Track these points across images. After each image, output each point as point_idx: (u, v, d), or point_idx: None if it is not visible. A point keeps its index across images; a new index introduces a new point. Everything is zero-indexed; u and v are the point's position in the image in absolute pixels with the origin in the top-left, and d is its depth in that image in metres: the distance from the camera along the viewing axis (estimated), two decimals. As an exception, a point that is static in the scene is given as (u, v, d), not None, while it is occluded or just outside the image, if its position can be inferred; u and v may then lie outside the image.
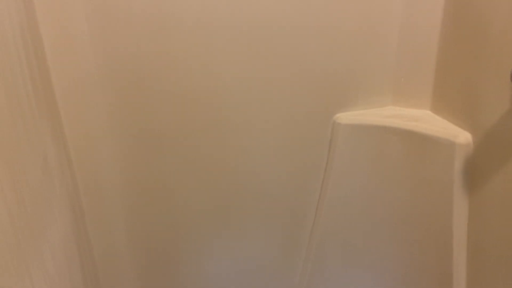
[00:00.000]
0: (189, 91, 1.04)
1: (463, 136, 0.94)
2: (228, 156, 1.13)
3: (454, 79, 0.99)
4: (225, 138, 1.11)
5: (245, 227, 1.24)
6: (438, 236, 1.02)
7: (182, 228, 1.20)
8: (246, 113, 1.09)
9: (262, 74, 1.05)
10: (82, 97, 0.98)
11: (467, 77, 0.94)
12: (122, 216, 1.13)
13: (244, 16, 0.98)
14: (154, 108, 1.04)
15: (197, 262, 1.26)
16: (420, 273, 1.10)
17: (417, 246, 1.09)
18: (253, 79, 1.05)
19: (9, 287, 0.50)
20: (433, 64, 1.06)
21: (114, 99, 1.01)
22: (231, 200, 1.19)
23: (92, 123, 1.01)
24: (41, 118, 0.75)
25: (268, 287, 1.33)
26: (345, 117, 1.11)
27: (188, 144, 1.09)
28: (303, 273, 1.30)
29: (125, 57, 0.97)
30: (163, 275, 1.25)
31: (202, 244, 1.23)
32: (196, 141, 1.09)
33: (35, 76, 0.75)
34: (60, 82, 0.94)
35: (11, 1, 0.66)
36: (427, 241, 1.06)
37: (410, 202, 1.08)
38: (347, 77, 1.09)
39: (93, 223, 1.10)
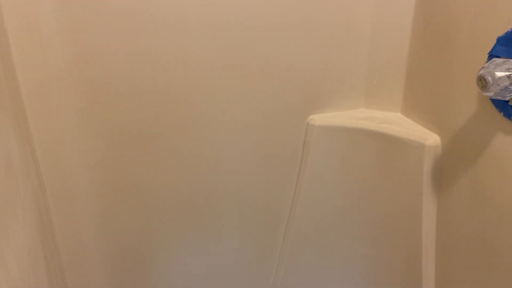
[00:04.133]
0: (162, 91, 1.02)
1: (432, 138, 0.96)
2: (201, 157, 1.12)
3: (424, 82, 1.01)
4: (198, 139, 1.09)
5: (218, 228, 1.23)
6: (407, 236, 1.04)
7: (154, 230, 1.18)
8: (220, 115, 1.08)
9: (236, 76, 1.05)
10: (50, 95, 0.95)
11: (436, 81, 0.96)
12: (91, 218, 1.10)
13: (220, 16, 0.98)
14: (125, 107, 1.01)
15: (169, 264, 1.24)
16: (390, 273, 1.12)
17: (387, 246, 1.11)
18: (227, 81, 1.05)
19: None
20: (404, 67, 1.08)
21: (84, 98, 0.98)
22: (203, 202, 1.18)
23: (60, 122, 0.98)
24: (4, 116, 0.73)
25: (241, 289, 1.33)
26: (319, 118, 1.12)
27: (161, 145, 1.08)
28: (277, 273, 1.30)
29: (96, 54, 0.95)
30: (133, 279, 1.22)
31: (174, 246, 1.22)
32: (168, 141, 1.08)
33: (-1, 73, 0.72)
34: (27, 79, 0.91)
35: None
36: (397, 241, 1.08)
37: (380, 203, 1.09)
38: (321, 79, 1.10)
39: (60, 225, 1.06)
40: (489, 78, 0.67)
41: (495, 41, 0.73)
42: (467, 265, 0.88)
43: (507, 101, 0.73)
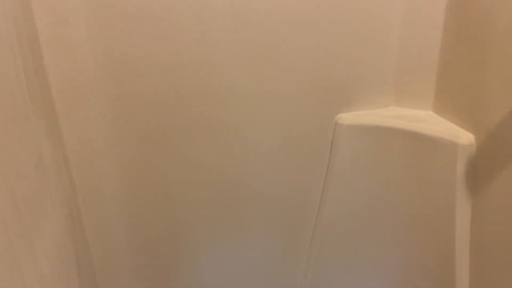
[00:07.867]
0: (190, 93, 1.03)
1: (465, 137, 0.93)
2: (228, 157, 1.12)
3: (457, 79, 0.98)
4: (226, 139, 1.10)
5: (245, 229, 1.23)
6: (440, 237, 1.01)
7: (182, 230, 1.19)
8: (247, 114, 1.08)
9: (263, 75, 1.04)
10: (80, 97, 0.97)
11: (470, 77, 0.93)
12: (120, 217, 1.13)
13: (245, 16, 0.98)
14: (154, 109, 1.03)
15: (197, 265, 1.25)
16: (422, 275, 1.09)
17: (419, 248, 1.08)
18: (254, 80, 1.05)
19: (0, 289, 0.49)
20: (435, 64, 1.05)
21: (113, 100, 1.00)
22: (231, 202, 1.18)
23: (90, 123, 1.00)
24: (37, 117, 0.75)
25: (269, 290, 1.32)
26: (347, 117, 1.11)
27: (188, 146, 1.08)
28: (304, 275, 1.29)
29: (125, 58, 0.97)
30: (162, 278, 1.24)
31: (202, 246, 1.23)
32: (196, 143, 1.08)
33: (31, 76, 0.74)
34: (57, 82, 0.93)
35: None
36: (429, 242, 1.05)
37: (412, 203, 1.06)
38: (349, 77, 1.08)
39: (91, 224, 1.09)
40: (528, 73, 0.64)
41: (535, 34, 0.70)
42: (503, 268, 0.85)
43: (548, 97, 0.69)
